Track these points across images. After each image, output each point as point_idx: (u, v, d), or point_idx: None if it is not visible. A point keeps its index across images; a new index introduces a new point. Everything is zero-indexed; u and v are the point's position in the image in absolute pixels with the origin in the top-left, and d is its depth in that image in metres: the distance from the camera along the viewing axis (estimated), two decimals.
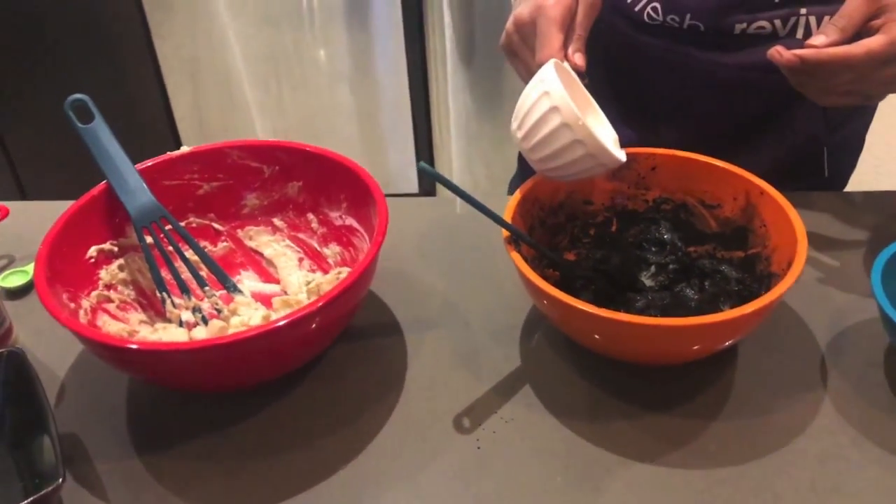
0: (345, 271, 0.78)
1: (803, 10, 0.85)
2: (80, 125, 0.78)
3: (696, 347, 0.68)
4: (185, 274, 0.81)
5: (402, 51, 2.24)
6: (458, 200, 0.86)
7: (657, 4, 0.90)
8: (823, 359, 0.75)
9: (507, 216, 0.74)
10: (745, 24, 0.87)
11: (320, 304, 0.64)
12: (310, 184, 0.84)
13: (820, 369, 0.74)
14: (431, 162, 2.47)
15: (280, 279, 0.85)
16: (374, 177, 0.77)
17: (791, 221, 0.72)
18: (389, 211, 0.73)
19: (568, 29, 0.77)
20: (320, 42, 2.24)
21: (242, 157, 0.84)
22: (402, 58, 2.24)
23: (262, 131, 2.40)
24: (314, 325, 0.66)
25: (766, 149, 0.98)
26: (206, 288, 0.80)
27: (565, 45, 0.77)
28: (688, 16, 0.88)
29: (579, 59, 0.77)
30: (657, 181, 0.82)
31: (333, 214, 0.83)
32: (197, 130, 2.40)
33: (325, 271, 0.84)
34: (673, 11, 0.89)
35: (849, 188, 1.08)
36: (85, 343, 0.66)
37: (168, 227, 0.79)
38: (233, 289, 0.80)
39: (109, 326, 0.75)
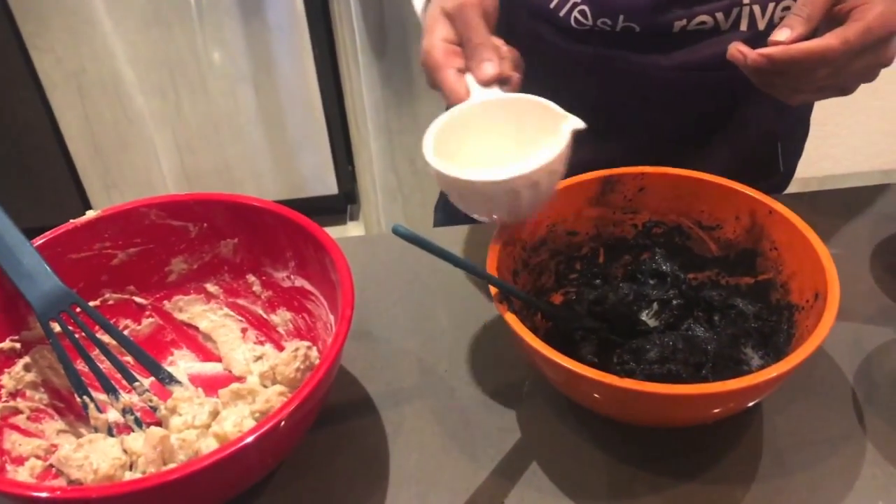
0: (303, 347, 0.65)
1: (746, 0, 0.77)
2: None
3: (724, 409, 0.59)
4: (107, 365, 0.67)
5: (308, 45, 2.10)
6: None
7: (585, 7, 0.79)
8: (854, 394, 0.67)
9: (491, 267, 0.63)
10: (684, 21, 0.78)
11: (289, 409, 0.52)
12: (246, 241, 0.71)
13: (853, 406, 0.66)
14: (350, 160, 2.34)
15: (222, 356, 0.72)
16: (288, 181, 0.65)
17: (811, 245, 0.63)
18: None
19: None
20: (215, 42, 2.07)
21: (162, 216, 0.70)
22: (307, 53, 2.10)
23: (162, 144, 2.22)
24: (281, 434, 0.54)
25: (719, 149, 0.90)
26: (136, 383, 0.66)
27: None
28: (620, 17, 0.78)
29: (489, 68, 0.67)
30: (646, 203, 0.72)
31: (279, 275, 0.71)
32: (90, 150, 2.21)
33: (275, 342, 0.72)
34: (604, 14, 0.79)
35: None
36: None
37: (80, 311, 0.66)
38: (167, 379, 0.67)
39: (21, 448, 0.62)
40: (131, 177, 2.28)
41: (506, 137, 0.67)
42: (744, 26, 0.78)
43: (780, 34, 0.64)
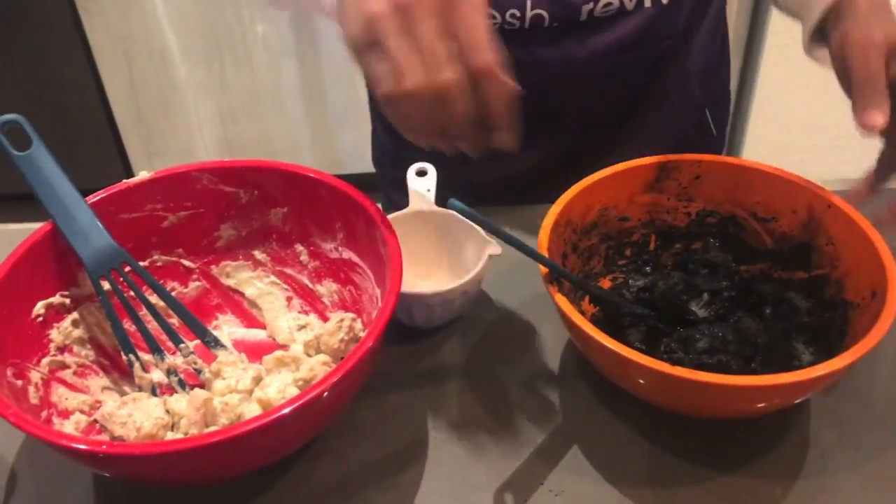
0: (348, 318, 0.65)
1: None
2: (14, 152, 0.63)
3: (771, 403, 0.58)
4: (154, 325, 0.67)
5: None
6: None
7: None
8: None
9: (542, 247, 0.62)
10: (591, 5, 0.77)
11: (333, 379, 0.52)
12: (296, 210, 0.71)
13: None
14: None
15: (266, 323, 0.72)
16: (328, 156, 0.64)
17: (871, 241, 0.61)
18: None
19: None
20: (261, 13, 2.07)
21: (214, 181, 0.70)
22: None
23: (206, 113, 2.23)
24: (324, 404, 0.54)
25: (652, 125, 0.90)
26: (182, 345, 0.67)
27: None
28: (528, 5, 0.77)
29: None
30: (702, 192, 0.71)
31: (327, 246, 0.71)
32: (134, 116, 2.22)
33: (320, 312, 0.72)
34: (511, 5, 0.77)
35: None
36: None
37: (129, 269, 0.66)
38: (212, 342, 0.67)
39: (67, 402, 0.62)
40: (174, 144, 2.29)
41: (430, 245, 0.76)
42: (648, 2, 0.78)
43: (875, 117, 0.57)
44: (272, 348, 0.69)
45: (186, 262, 0.72)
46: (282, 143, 2.31)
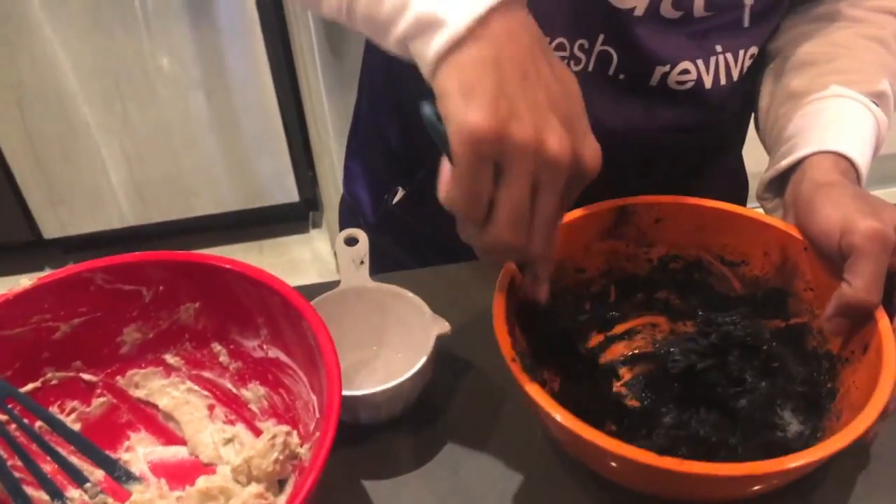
0: (281, 433, 0.56)
1: (719, 49, 0.69)
2: None
3: (755, 489, 0.51)
4: (50, 465, 0.57)
5: (261, 47, 1.99)
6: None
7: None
8: None
9: (499, 321, 0.54)
10: (666, 68, 0.68)
11: None
12: (209, 305, 0.62)
13: None
14: (311, 166, 2.24)
15: (186, 438, 0.63)
16: (246, 189, 0.56)
17: None
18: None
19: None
20: (162, 47, 1.95)
21: (109, 280, 0.60)
22: (261, 55, 1.99)
23: (110, 155, 2.10)
24: None
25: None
26: (87, 484, 0.57)
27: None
28: (599, 40, 0.68)
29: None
30: (663, 236, 0.64)
31: (249, 344, 0.62)
32: (32, 165, 2.07)
33: (248, 422, 0.63)
34: (582, 35, 0.67)
35: None
36: None
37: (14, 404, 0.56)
38: (123, 477, 0.58)
39: None
40: (79, 191, 2.16)
41: (369, 325, 0.68)
42: (723, 79, 0.70)
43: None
44: (196, 469, 0.60)
45: (87, 377, 0.62)
46: (195, 180, 2.19)
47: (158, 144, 2.11)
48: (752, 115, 0.76)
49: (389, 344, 0.68)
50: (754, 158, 0.86)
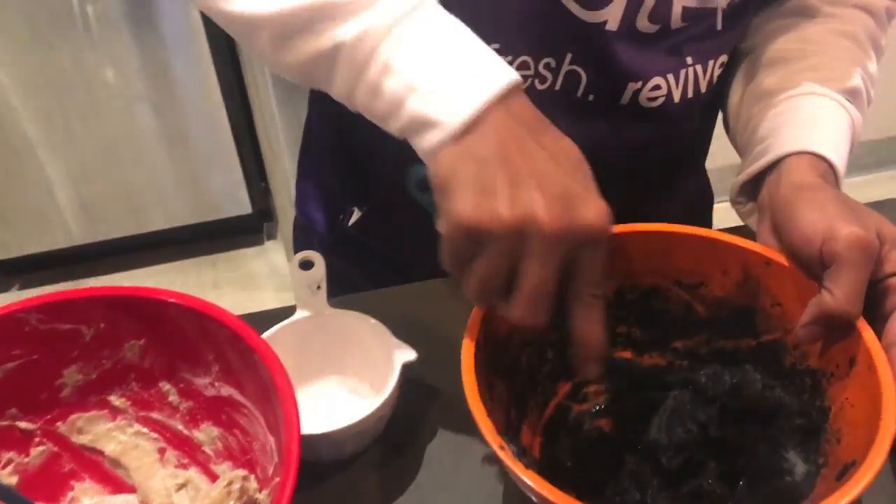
0: (237, 479, 0.53)
1: (689, 61, 0.66)
2: None
3: None
4: None
5: (208, 57, 1.94)
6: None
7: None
8: None
9: (475, 405, 0.49)
10: (638, 85, 0.66)
11: None
12: (155, 341, 0.57)
13: None
14: (263, 177, 2.19)
15: (136, 485, 0.58)
16: (198, 203, 0.52)
17: None
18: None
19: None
20: (105, 60, 1.89)
21: (45, 319, 0.56)
22: (208, 65, 1.94)
23: (54, 173, 2.03)
24: None
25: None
26: None
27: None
28: (567, 60, 0.65)
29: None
30: (613, 268, 0.60)
31: (201, 381, 0.57)
32: None
33: (202, 465, 0.58)
34: (547, 53, 0.64)
35: None
36: None
37: None
38: None
39: None
40: (23, 213, 2.08)
41: (328, 354, 0.64)
42: (690, 93, 0.68)
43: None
44: None
45: (24, 425, 0.58)
46: (145, 197, 2.13)
47: (105, 160, 2.05)
48: (722, 117, 0.74)
49: (352, 374, 0.64)
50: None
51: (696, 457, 0.57)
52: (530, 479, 0.45)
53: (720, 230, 0.59)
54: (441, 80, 0.48)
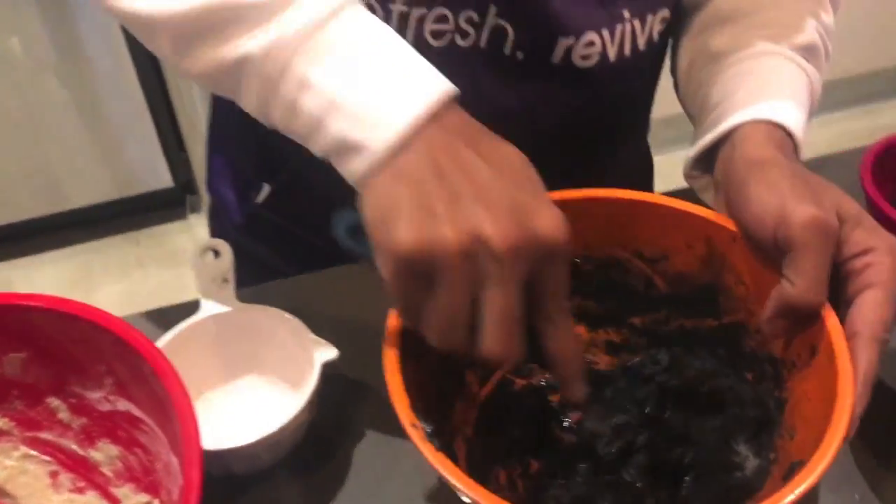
0: (141, 502, 0.47)
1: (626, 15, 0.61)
2: None
3: None
4: None
5: (118, 26, 1.82)
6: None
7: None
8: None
9: (392, 378, 0.45)
10: (570, 41, 0.60)
11: None
12: (39, 352, 0.51)
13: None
14: (184, 150, 2.09)
15: None
16: (116, 177, 0.46)
17: None
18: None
19: None
20: (6, 29, 1.76)
21: None
22: (118, 35, 1.82)
23: None
24: None
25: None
26: None
27: None
28: (491, 12, 0.58)
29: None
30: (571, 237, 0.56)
31: (93, 396, 0.51)
32: None
33: (101, 488, 0.52)
34: (468, 5, 0.58)
35: None
36: None
37: None
38: None
39: None
40: None
41: (238, 353, 0.58)
42: (627, 50, 0.62)
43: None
44: None
45: None
46: (59, 173, 2.01)
47: (13, 136, 1.92)
48: (673, 83, 0.68)
49: (267, 376, 0.59)
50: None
51: (637, 445, 0.52)
52: (436, 461, 0.41)
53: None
54: (364, 97, 0.42)
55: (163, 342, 0.54)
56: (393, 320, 0.47)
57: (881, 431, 0.55)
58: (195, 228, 2.20)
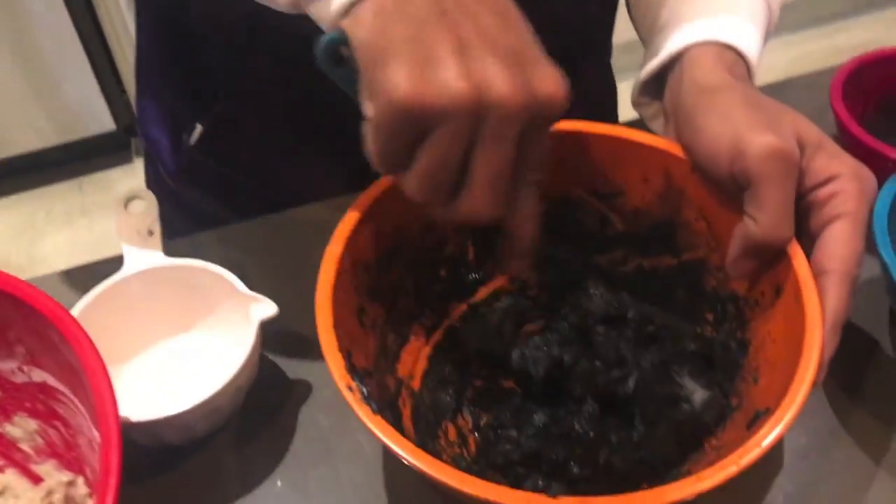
0: (61, 485, 0.43)
1: None
2: None
3: None
4: None
5: None
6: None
7: None
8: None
9: (324, 322, 0.41)
10: None
11: None
12: None
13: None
14: (124, 91, 2.00)
15: None
16: (56, 122, 0.41)
17: None
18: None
19: None
20: None
21: None
22: None
23: None
24: None
25: None
26: None
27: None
28: None
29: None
30: None
31: (6, 366, 0.46)
32: None
33: (20, 465, 0.48)
34: None
35: None
36: None
37: None
38: None
39: None
40: None
41: (170, 310, 0.54)
42: None
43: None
44: None
45: None
46: None
47: None
48: (625, 1, 0.63)
49: (199, 336, 0.54)
50: None
51: (566, 363, 0.49)
52: (374, 424, 0.38)
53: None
54: None
55: (82, 305, 0.50)
56: (326, 270, 0.43)
57: (850, 369, 0.52)
58: (141, 173, 2.11)
